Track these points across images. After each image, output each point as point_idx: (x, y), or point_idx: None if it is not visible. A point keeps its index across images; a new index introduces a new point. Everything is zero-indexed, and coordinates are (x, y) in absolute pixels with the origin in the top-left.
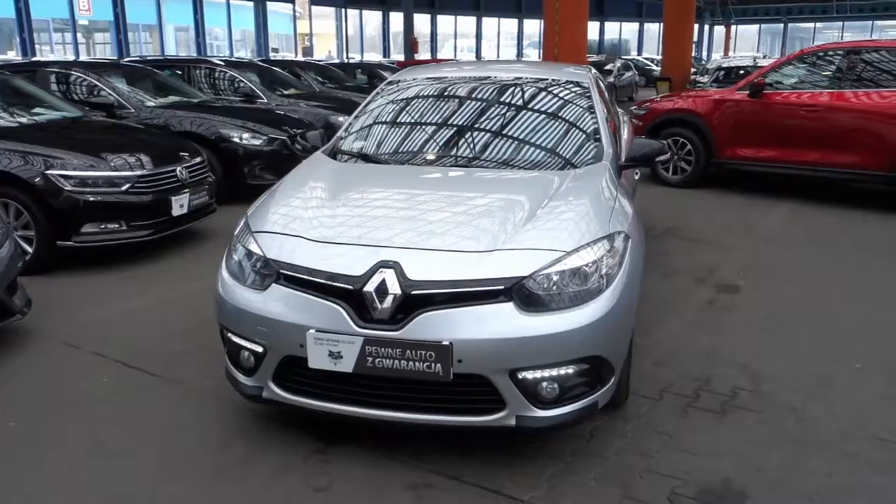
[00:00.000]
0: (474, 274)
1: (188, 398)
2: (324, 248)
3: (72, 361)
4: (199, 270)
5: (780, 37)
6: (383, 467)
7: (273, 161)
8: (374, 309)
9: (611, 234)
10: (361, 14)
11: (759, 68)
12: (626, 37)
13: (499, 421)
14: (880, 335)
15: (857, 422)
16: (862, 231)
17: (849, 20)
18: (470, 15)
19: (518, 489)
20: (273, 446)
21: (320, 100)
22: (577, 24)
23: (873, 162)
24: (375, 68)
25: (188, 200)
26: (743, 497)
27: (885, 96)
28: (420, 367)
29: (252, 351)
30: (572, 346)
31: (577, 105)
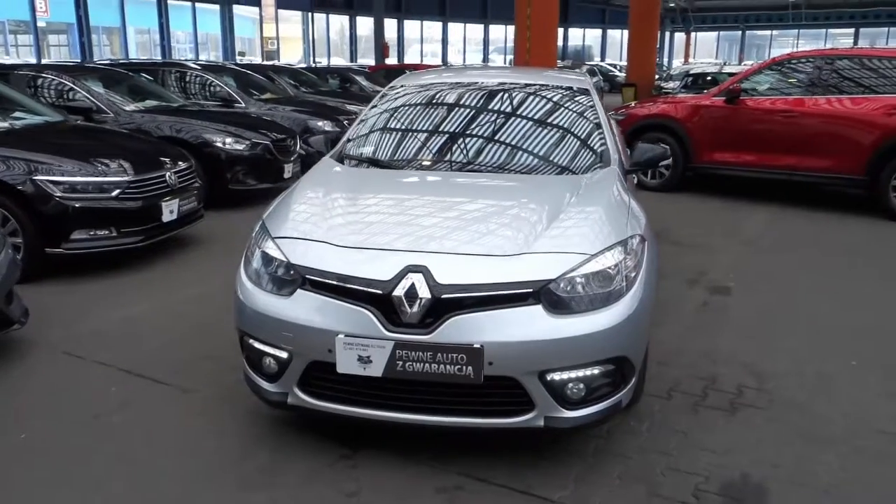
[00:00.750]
0: (503, 277)
1: (201, 407)
2: (350, 253)
3: (75, 371)
4: (190, 277)
5: (738, 44)
6: (411, 471)
7: (256, 166)
8: (403, 313)
9: (629, 236)
10: (328, 18)
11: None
12: (590, 43)
13: (528, 422)
14: (870, 334)
15: (861, 417)
16: (840, 233)
17: (803, 28)
18: (436, 20)
19: (546, 489)
20: (297, 454)
21: (297, 104)
22: (548, 30)
23: (847, 166)
24: (348, 73)
25: (178, 206)
26: (763, 491)
27: (858, 102)
28: (451, 370)
29: (276, 357)
30: (599, 347)
31: (582, 111)
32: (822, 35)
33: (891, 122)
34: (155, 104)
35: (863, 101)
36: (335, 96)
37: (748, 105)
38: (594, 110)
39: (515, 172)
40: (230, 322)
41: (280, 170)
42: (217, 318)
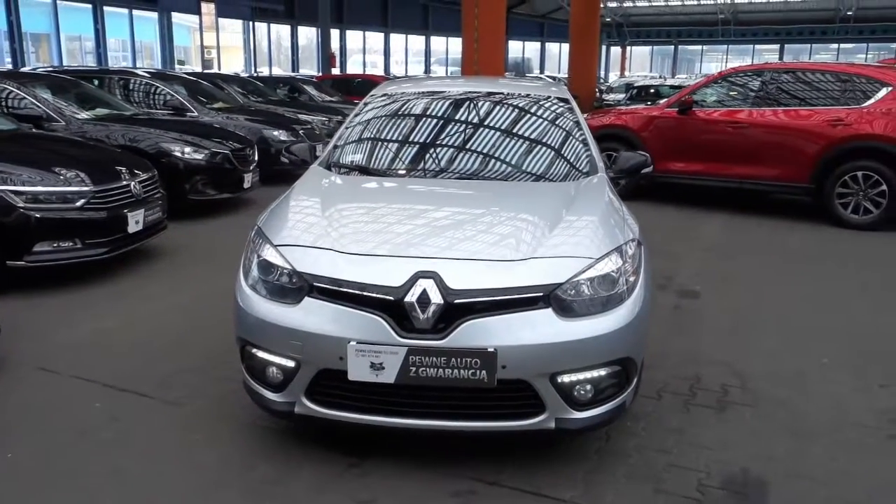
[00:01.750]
0: (513, 281)
1: (193, 420)
2: (357, 260)
3: (55, 387)
4: (159, 289)
5: (671, 58)
6: (422, 477)
7: (216, 176)
8: (415, 319)
9: (628, 240)
10: (269, 27)
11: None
12: (529, 55)
13: (539, 424)
14: (835, 333)
15: (839, 411)
16: (792, 238)
17: (732, 44)
18: (378, 31)
19: (557, 490)
20: (302, 464)
21: (250, 113)
22: (495, 43)
23: (794, 175)
24: (297, 82)
25: (143, 216)
26: (764, 484)
27: (804, 114)
28: (465, 375)
29: (281, 366)
30: (607, 349)
31: (566, 119)
32: (750, 51)
33: (834, 133)
34: (106, 112)
35: (808, 112)
36: (286, 106)
37: (700, 116)
38: (576, 119)
39: (510, 180)
40: (208, 333)
41: (240, 179)
42: (193, 330)
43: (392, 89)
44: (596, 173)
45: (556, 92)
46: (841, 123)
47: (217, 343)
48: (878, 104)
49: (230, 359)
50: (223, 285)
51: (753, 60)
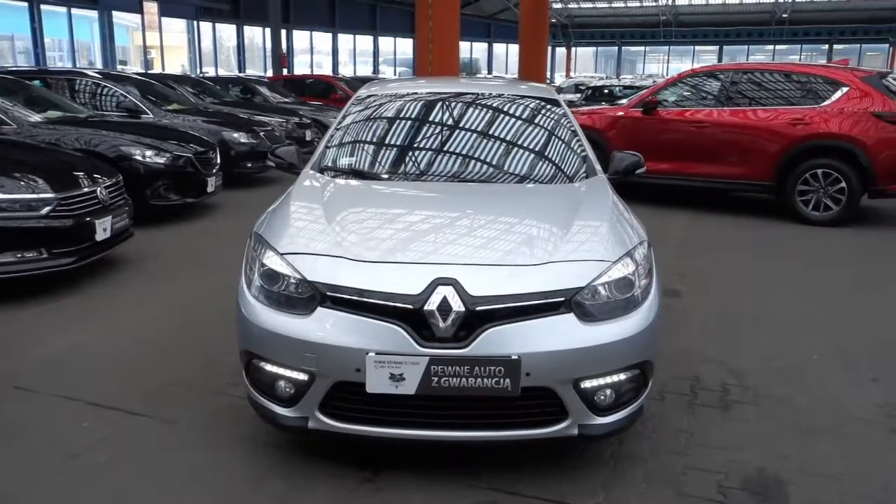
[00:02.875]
0: (533, 287)
1: (191, 437)
2: (370, 268)
3: (35, 407)
4: (130, 300)
5: (615, 59)
6: (440, 490)
7: (178, 180)
8: (436, 327)
9: (640, 242)
10: (215, 27)
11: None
12: (476, 56)
13: (562, 431)
14: (817, 328)
15: (838, 406)
16: (758, 235)
17: (673, 45)
18: (325, 31)
19: (579, 497)
20: (314, 480)
21: (207, 115)
22: (450, 44)
23: (757, 173)
24: (249, 82)
25: (111, 223)
26: (782, 483)
27: (765, 113)
28: (488, 384)
29: (293, 380)
30: (628, 353)
31: (559, 121)
32: (690, 52)
33: (795, 132)
34: (59, 115)
35: (770, 112)
36: (240, 107)
37: (664, 116)
38: (569, 120)
39: (511, 182)
40: (190, 344)
41: (203, 184)
42: (174, 342)
43: (379, 91)
44: (595, 175)
45: (546, 93)
46: (801, 123)
47: (202, 355)
48: (836, 104)
49: (220, 371)
50: (197, 294)
51: (693, 62)
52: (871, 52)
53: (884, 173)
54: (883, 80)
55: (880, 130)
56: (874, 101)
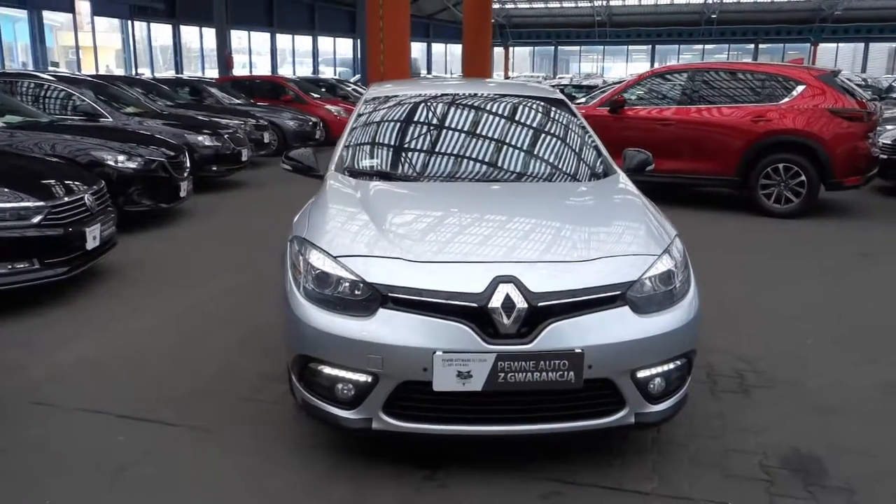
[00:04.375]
0: (590, 281)
1: (234, 445)
2: (431, 267)
3: (62, 423)
4: (123, 311)
5: (551, 58)
6: (503, 483)
7: (152, 185)
8: (501, 324)
9: (676, 235)
10: (150, 27)
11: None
12: (416, 55)
13: (620, 420)
14: (804, 314)
15: (846, 387)
16: (726, 229)
17: (608, 45)
18: (264, 31)
19: (635, 483)
20: (376, 482)
21: (167, 118)
22: (401, 44)
23: (722, 168)
24: (200, 84)
25: (100, 231)
26: (819, 460)
27: (728, 111)
28: (553, 377)
29: (354, 381)
30: (677, 343)
31: (571, 120)
32: (624, 51)
33: (757, 129)
34: (20, 120)
35: (732, 109)
36: (195, 109)
37: (631, 115)
38: (579, 120)
39: (540, 181)
40: (200, 352)
41: (176, 188)
42: (182, 350)
43: (390, 92)
44: (614, 172)
45: (552, 93)
46: (762, 119)
47: (217, 362)
48: (795, 101)
49: (241, 378)
50: (191, 302)
51: (627, 61)
52: (793, 50)
53: (840, 167)
54: (836, 78)
55: (836, 126)
56: (830, 98)
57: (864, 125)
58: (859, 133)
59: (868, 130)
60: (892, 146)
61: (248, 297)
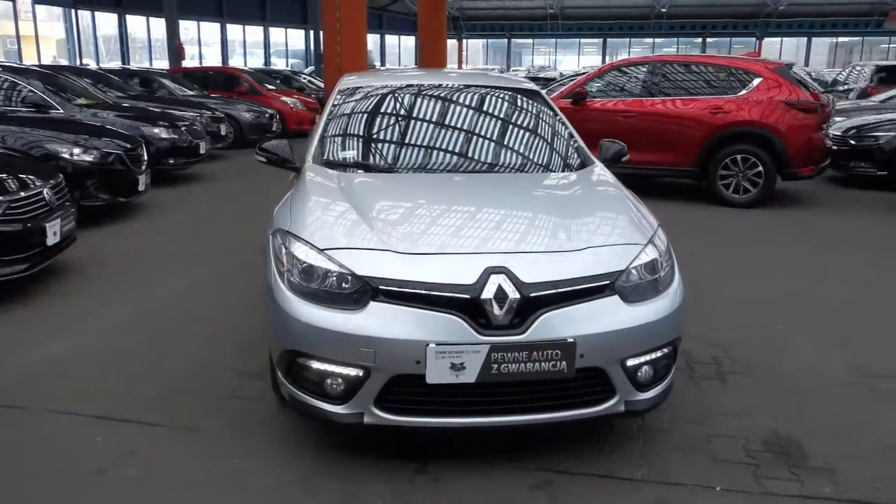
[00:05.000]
0: (580, 271)
1: (218, 444)
2: (421, 259)
3: (35, 426)
4: (87, 308)
5: (504, 51)
6: (495, 475)
7: (109, 179)
8: (493, 315)
9: (657, 226)
10: (94, 16)
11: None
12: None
13: (611, 409)
14: (771, 301)
15: (818, 370)
16: (687, 219)
17: (560, 38)
18: (213, 21)
19: (626, 470)
20: (367, 477)
21: (121, 110)
22: (358, 36)
23: (682, 159)
24: (151, 75)
25: (60, 227)
26: (798, 442)
27: (688, 103)
28: (545, 367)
29: (344, 376)
30: (665, 331)
31: (546, 111)
32: (576, 44)
33: (716, 120)
34: None
35: (692, 101)
36: (148, 100)
37: (593, 107)
38: (555, 111)
39: (523, 171)
40: (170, 349)
41: (134, 182)
42: (151, 348)
43: (365, 82)
44: (592, 162)
45: (526, 84)
46: (721, 111)
47: (191, 359)
48: (752, 93)
49: (218, 375)
50: (156, 299)
51: (579, 54)
52: (738, 45)
53: (796, 157)
54: (791, 71)
55: (792, 117)
56: (786, 90)
57: (818, 117)
58: (813, 125)
59: (822, 122)
60: (842, 137)
61: (213, 293)
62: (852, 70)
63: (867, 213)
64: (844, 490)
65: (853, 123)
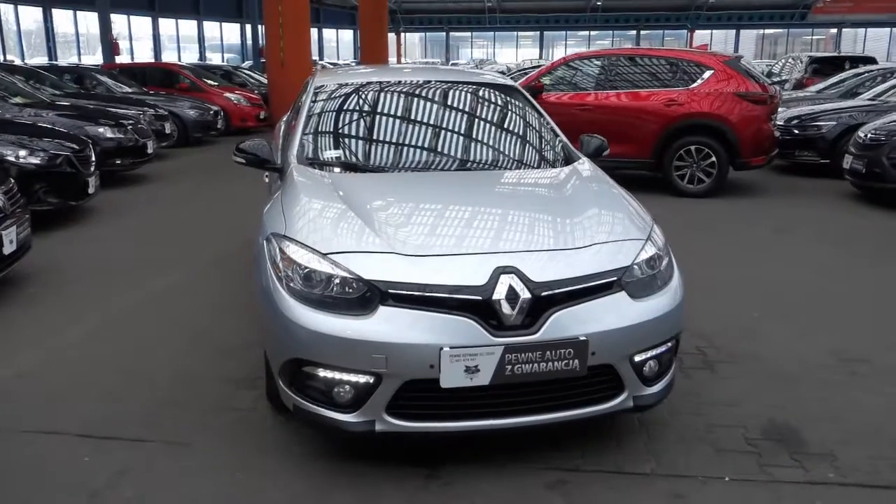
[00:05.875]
0: (588, 269)
1: (216, 459)
2: (429, 262)
3: (15, 445)
4: (52, 320)
5: (442, 45)
6: (506, 476)
7: (58, 182)
8: (505, 316)
9: (652, 222)
10: (17, 10)
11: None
12: None
13: (621, 405)
14: (741, 289)
15: (800, 357)
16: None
17: (498, 31)
18: (144, 15)
19: (634, 465)
20: (378, 486)
21: (60, 108)
22: (301, 31)
23: (639, 151)
24: (89, 72)
25: (16, 234)
26: (796, 429)
27: (643, 96)
28: (558, 366)
29: (354, 383)
30: (669, 326)
31: (529, 108)
32: (514, 38)
33: (670, 112)
34: None
35: (647, 94)
36: (87, 98)
37: (549, 100)
38: (535, 107)
39: (514, 168)
40: (147, 361)
41: (84, 184)
42: (131, 359)
43: (340, 79)
44: (578, 157)
45: (504, 80)
46: (675, 103)
47: (172, 371)
48: (704, 85)
49: (203, 387)
50: (124, 305)
51: (517, 48)
52: (670, 37)
53: (747, 148)
54: (741, 63)
55: (743, 109)
56: (736, 82)
57: (767, 108)
58: (763, 115)
59: (770, 113)
60: (785, 127)
61: (184, 298)
62: (787, 61)
63: (816, 200)
64: (846, 474)
65: (795, 113)
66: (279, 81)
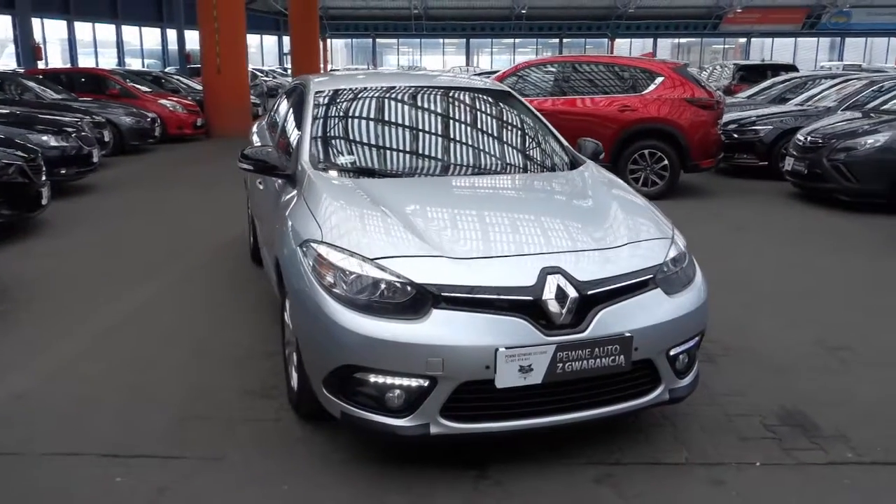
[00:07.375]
0: (627, 267)
1: (256, 471)
2: (477, 264)
3: (38, 472)
4: (34, 336)
5: (369, 51)
6: (552, 473)
7: (10, 192)
8: (555, 315)
9: (669, 221)
10: None
11: None
12: None
13: (658, 397)
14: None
15: (790, 346)
16: None
17: (424, 38)
18: (59, 19)
19: (669, 456)
20: (431, 486)
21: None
22: (238, 36)
23: None
24: (15, 77)
25: None
26: (807, 414)
27: (597, 101)
28: (606, 363)
29: (407, 387)
30: (699, 321)
31: (530, 113)
32: (440, 45)
33: (624, 117)
34: None
35: (601, 100)
36: (18, 105)
37: None
38: (533, 111)
39: (531, 171)
40: (157, 376)
41: (38, 195)
42: (134, 374)
43: (338, 84)
44: (583, 161)
45: (498, 86)
46: (628, 109)
47: (182, 384)
48: (656, 91)
49: (222, 398)
50: (111, 319)
51: (443, 55)
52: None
53: (697, 151)
54: (688, 70)
55: (693, 114)
56: (686, 88)
57: (714, 113)
58: (711, 120)
59: (717, 118)
60: (724, 131)
61: (172, 308)
62: (714, 68)
63: (763, 200)
64: (864, 453)
65: (732, 118)
66: (216, 88)
